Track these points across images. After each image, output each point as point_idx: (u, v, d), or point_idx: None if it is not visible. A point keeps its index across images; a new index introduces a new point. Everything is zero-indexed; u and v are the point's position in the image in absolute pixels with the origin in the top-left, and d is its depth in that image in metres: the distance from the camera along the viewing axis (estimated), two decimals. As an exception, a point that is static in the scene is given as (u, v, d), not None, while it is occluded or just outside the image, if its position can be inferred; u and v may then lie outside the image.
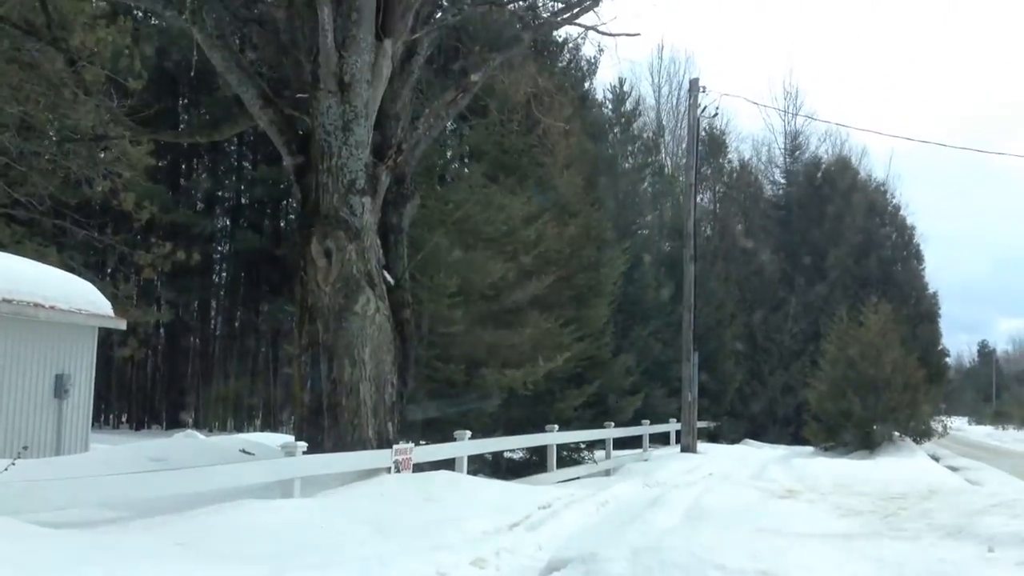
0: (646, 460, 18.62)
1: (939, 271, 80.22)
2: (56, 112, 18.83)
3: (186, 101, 32.14)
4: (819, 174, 43.14)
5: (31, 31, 14.85)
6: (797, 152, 45.30)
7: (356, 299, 10.60)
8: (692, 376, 21.77)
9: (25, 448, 8.09)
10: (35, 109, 18.72)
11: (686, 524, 9.29)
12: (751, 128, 71.08)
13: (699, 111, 23.47)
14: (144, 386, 32.80)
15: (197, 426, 28.03)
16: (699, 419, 22.77)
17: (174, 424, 29.40)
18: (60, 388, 12.37)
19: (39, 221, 20.33)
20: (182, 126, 30.79)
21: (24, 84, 18.39)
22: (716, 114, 25.79)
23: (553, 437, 14.32)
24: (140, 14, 25.83)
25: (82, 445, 12.71)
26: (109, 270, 25.56)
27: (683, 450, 21.25)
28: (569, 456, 16.84)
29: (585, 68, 31.25)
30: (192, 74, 21.63)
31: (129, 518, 7.19)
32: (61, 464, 9.34)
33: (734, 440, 28.20)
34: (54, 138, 20.27)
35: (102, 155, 19.98)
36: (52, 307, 12.30)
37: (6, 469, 6.66)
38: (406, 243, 12.40)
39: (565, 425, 15.56)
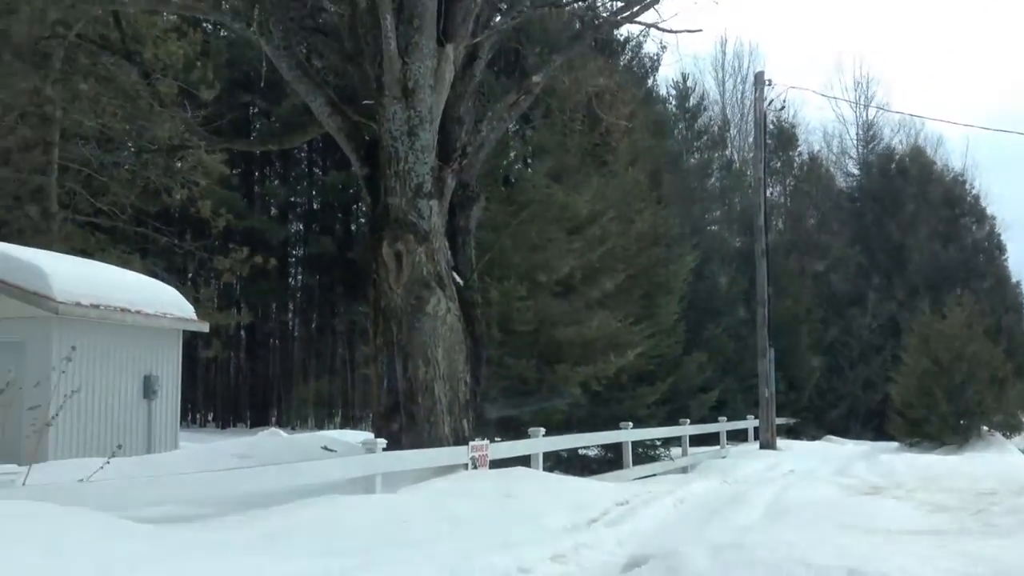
0: (724, 457, 18.37)
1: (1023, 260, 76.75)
2: (133, 124, 19.54)
3: (257, 110, 32.97)
4: (893, 165, 41.96)
5: (106, 46, 15.37)
6: (871, 143, 44.15)
7: (427, 300, 10.74)
8: (769, 372, 21.44)
9: (119, 447, 8.41)
10: (113, 121, 19.46)
11: (768, 521, 9.14)
12: (821, 119, 69.26)
13: (765, 104, 23.08)
14: (228, 386, 33.81)
15: (280, 424, 28.76)
16: (778, 415, 22.38)
17: (258, 422, 30.23)
18: (149, 389, 12.83)
19: (122, 229, 21.11)
20: (254, 135, 31.60)
21: (101, 97, 19.13)
22: (783, 107, 25.27)
23: (628, 434, 14.25)
24: (209, 27, 26.59)
25: (171, 443, 13.14)
26: (190, 275, 26.43)
27: (762, 447, 20.93)
28: (645, 453, 16.74)
29: (648, 65, 31.12)
30: (262, 84, 22.17)
31: (218, 514, 7.39)
32: (153, 462, 9.67)
33: (815, 437, 27.59)
34: (132, 149, 21.04)
35: (179, 164, 20.67)
36: (139, 312, 12.75)
37: (102, 467, 6.95)
38: (473, 244, 12.51)
39: (639, 422, 15.47)
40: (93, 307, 12.01)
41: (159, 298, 13.67)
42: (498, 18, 13.43)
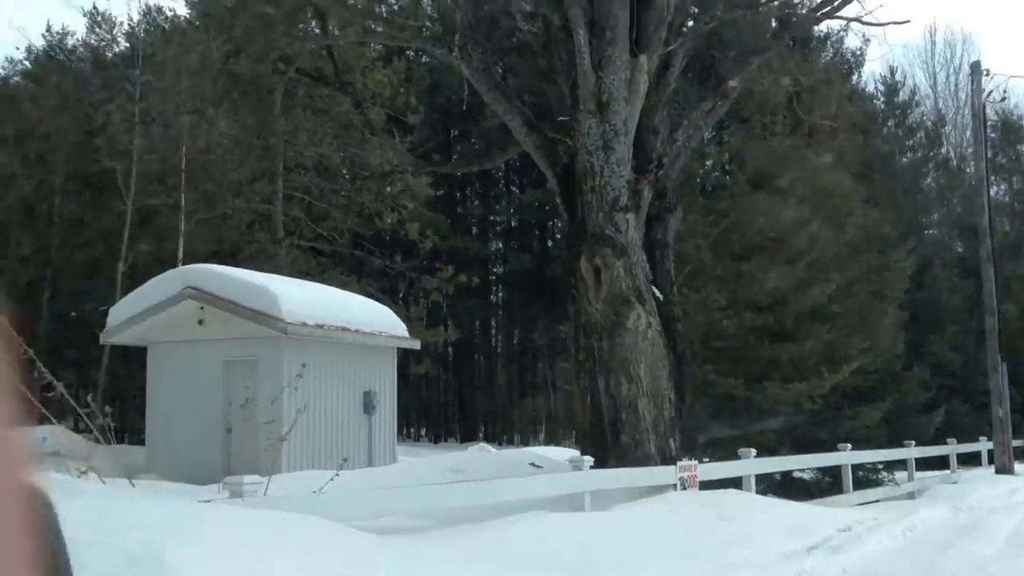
0: (955, 482, 16.92)
1: None
2: (347, 152, 20.88)
3: (457, 133, 34.25)
4: None
5: (321, 78, 16.50)
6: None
7: (627, 315, 10.62)
8: (1002, 389, 19.57)
9: (345, 460, 8.93)
10: (329, 150, 20.91)
11: (1010, 552, 8.32)
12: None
13: (984, 96, 21.19)
14: (438, 401, 35.23)
15: (487, 439, 29.59)
16: (1015, 437, 20.37)
17: (467, 437, 31.26)
18: (368, 404, 13.54)
19: (340, 252, 22.56)
20: (455, 157, 32.81)
21: (318, 128, 20.60)
22: (1004, 98, 22.87)
23: (847, 456, 13.41)
24: (412, 54, 27.95)
25: (390, 457, 13.80)
26: (401, 294, 27.78)
27: (997, 471, 19.08)
28: (866, 477, 15.66)
29: (851, 61, 29.70)
30: (463, 107, 23.00)
31: (432, 527, 7.65)
32: (373, 475, 10.17)
33: (1060, 461, 24.87)
34: (347, 176, 22.49)
35: (388, 189, 21.84)
36: (357, 330, 13.51)
37: (331, 480, 7.41)
38: (672, 257, 12.27)
39: (858, 444, 14.49)
40: (318, 327, 12.85)
41: (375, 317, 14.43)
42: (691, 24, 13.17)
